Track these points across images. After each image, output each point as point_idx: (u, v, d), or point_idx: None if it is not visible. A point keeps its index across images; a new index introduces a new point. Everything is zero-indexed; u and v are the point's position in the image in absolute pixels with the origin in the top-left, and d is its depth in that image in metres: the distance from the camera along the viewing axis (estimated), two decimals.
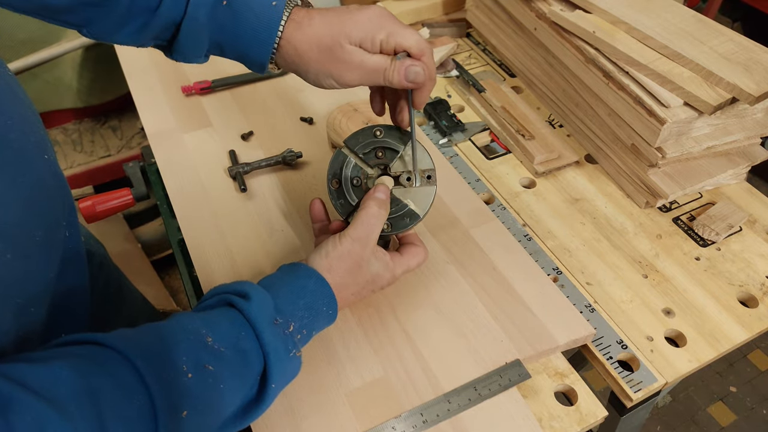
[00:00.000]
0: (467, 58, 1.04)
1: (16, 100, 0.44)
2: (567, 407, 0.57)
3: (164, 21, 0.50)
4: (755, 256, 0.72)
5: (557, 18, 0.82)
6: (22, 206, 0.40)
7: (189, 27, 0.51)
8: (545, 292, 0.65)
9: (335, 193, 0.60)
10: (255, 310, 0.45)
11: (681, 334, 0.64)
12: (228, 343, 0.43)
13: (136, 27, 0.51)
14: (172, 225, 0.80)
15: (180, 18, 0.50)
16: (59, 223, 0.47)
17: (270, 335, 0.45)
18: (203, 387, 0.40)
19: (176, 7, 0.50)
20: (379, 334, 0.61)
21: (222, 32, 0.52)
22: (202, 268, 0.67)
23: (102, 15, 0.50)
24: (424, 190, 0.59)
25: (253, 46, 0.53)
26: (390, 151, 0.59)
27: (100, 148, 1.71)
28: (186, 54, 0.54)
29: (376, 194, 0.56)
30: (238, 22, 0.51)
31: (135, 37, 0.52)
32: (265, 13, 0.51)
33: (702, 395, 1.63)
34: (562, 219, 0.76)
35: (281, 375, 0.46)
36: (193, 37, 0.52)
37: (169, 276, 1.74)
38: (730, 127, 0.76)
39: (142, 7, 0.50)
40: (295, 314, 0.48)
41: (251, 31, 0.52)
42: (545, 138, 0.83)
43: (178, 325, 0.43)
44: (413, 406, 0.55)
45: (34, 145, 0.43)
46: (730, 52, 0.72)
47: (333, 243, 0.53)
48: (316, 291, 0.50)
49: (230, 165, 0.79)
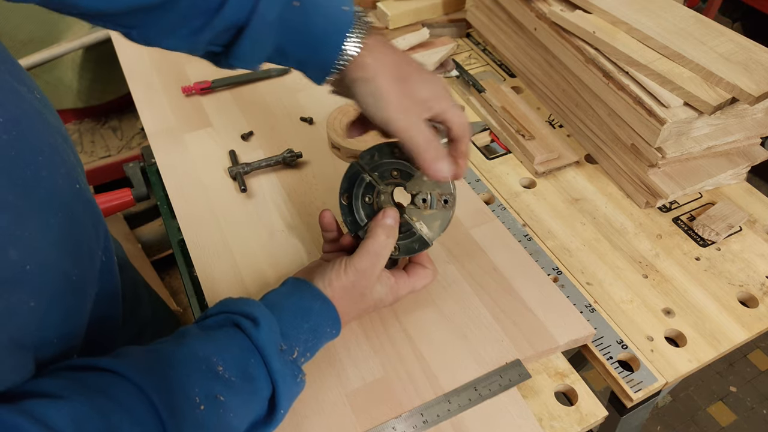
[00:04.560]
0: (467, 58, 1.04)
1: (47, 127, 0.42)
2: (567, 407, 0.57)
3: (227, 22, 0.47)
4: (755, 256, 0.72)
5: (557, 18, 0.82)
6: (55, 248, 0.39)
7: (257, 27, 0.47)
8: (545, 292, 0.65)
9: (345, 209, 0.58)
10: (264, 338, 0.45)
11: (681, 334, 0.64)
12: (237, 370, 0.44)
13: (193, 29, 0.47)
14: (172, 225, 0.80)
15: (245, 19, 0.47)
16: (94, 254, 0.47)
17: (278, 363, 0.45)
18: (215, 417, 0.41)
19: (243, 7, 0.46)
20: (380, 334, 0.61)
21: (289, 34, 0.49)
22: (202, 268, 0.67)
23: (157, 17, 0.47)
24: (440, 214, 0.56)
25: (321, 49, 0.49)
26: (406, 173, 0.56)
27: (100, 148, 1.71)
28: (247, 58, 0.50)
29: (385, 220, 0.54)
30: (308, 23, 0.48)
31: (189, 41, 0.49)
32: (337, 16, 0.48)
33: (702, 395, 1.63)
34: (562, 219, 0.76)
35: (288, 400, 0.47)
36: (260, 39, 0.48)
37: (169, 276, 1.74)
38: (730, 127, 0.76)
39: (203, 9, 0.46)
40: (299, 338, 0.49)
41: (321, 32, 0.48)
42: (545, 138, 0.84)
43: (190, 353, 0.43)
44: (413, 406, 0.55)
45: (64, 177, 0.42)
46: (730, 52, 0.72)
47: (337, 273, 0.52)
48: (321, 314, 0.51)
49: (230, 165, 0.79)
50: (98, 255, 0.48)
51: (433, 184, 0.56)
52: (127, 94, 0.93)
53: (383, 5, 1.04)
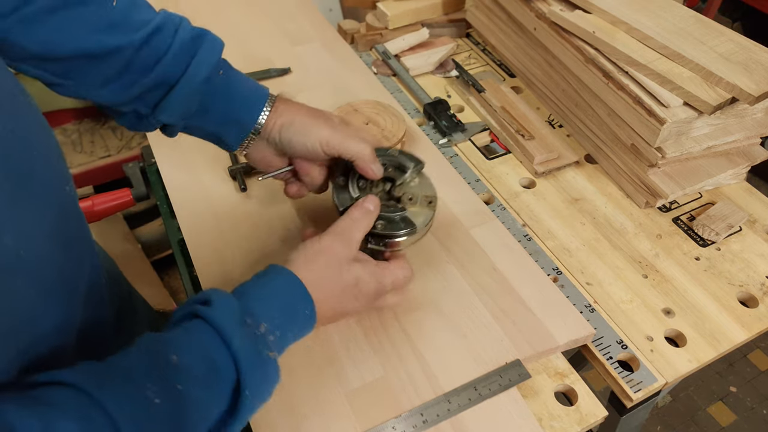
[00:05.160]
0: (467, 58, 1.04)
1: (42, 130, 0.43)
2: (567, 407, 0.57)
3: (159, 79, 0.52)
4: (755, 256, 0.72)
5: (557, 18, 0.82)
6: (49, 241, 0.39)
7: (186, 86, 0.53)
8: (545, 292, 0.65)
9: (339, 188, 0.61)
10: (218, 314, 0.43)
11: (681, 334, 0.64)
12: (196, 356, 0.42)
13: (125, 83, 0.52)
14: (172, 225, 0.80)
15: (175, 79, 0.52)
16: (83, 258, 0.47)
17: (238, 338, 0.43)
18: (174, 408, 0.39)
19: (177, 68, 0.52)
20: (379, 334, 0.61)
21: (214, 95, 0.56)
22: (202, 268, 0.67)
23: (95, 67, 0.51)
24: (424, 211, 0.61)
25: (242, 111, 0.58)
26: (398, 171, 0.62)
27: (100, 148, 1.71)
28: (173, 112, 0.55)
29: (365, 203, 0.56)
30: (231, 90, 0.57)
31: (120, 94, 0.53)
32: (255, 87, 0.59)
33: (702, 395, 1.63)
34: (561, 219, 0.76)
35: (254, 380, 0.43)
36: (187, 97, 0.54)
37: (169, 276, 1.74)
38: (729, 127, 0.76)
39: (138, 66, 0.51)
40: (266, 314, 0.46)
41: (240, 97, 0.58)
42: (545, 138, 0.84)
43: (145, 349, 0.41)
44: (413, 406, 0.55)
45: (58, 177, 0.43)
46: (730, 52, 0.72)
47: (311, 240, 0.52)
48: (287, 289, 0.49)
49: (230, 165, 0.79)
50: (86, 260, 0.47)
51: (419, 188, 0.62)
52: None
53: (383, 5, 1.04)
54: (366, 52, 1.05)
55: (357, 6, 1.18)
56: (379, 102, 0.85)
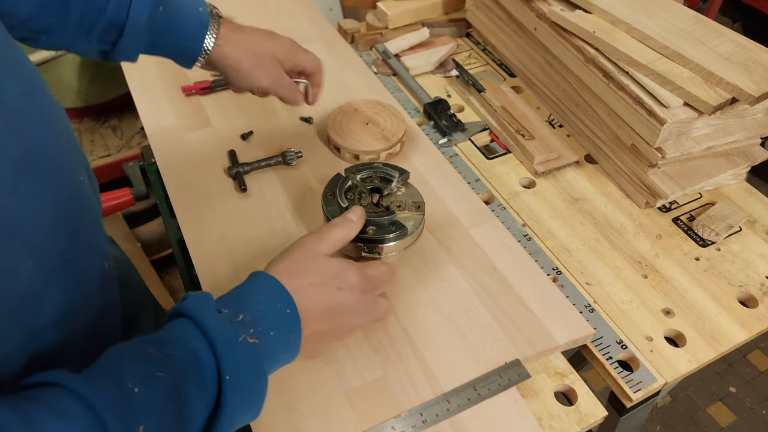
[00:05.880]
0: (467, 58, 1.04)
1: (59, 123, 0.47)
2: (567, 407, 0.57)
3: (109, 20, 0.58)
4: (755, 256, 0.72)
5: (557, 18, 0.82)
6: (54, 223, 0.41)
7: (132, 27, 0.59)
8: (545, 292, 0.65)
9: (328, 201, 0.66)
10: (192, 304, 0.44)
11: (681, 334, 0.64)
12: (177, 346, 0.42)
13: (87, 29, 0.58)
14: (172, 225, 0.80)
15: (122, 19, 0.58)
16: (90, 250, 0.47)
17: (212, 320, 0.43)
18: (155, 396, 0.39)
19: (120, 9, 0.58)
20: (379, 333, 0.61)
21: (158, 32, 0.62)
22: (202, 268, 0.67)
23: (61, 18, 0.56)
24: (413, 216, 0.64)
25: (186, 42, 0.63)
26: (384, 181, 0.68)
27: (100, 147, 1.71)
28: (128, 52, 0.62)
29: (348, 214, 0.59)
30: (172, 24, 0.62)
31: (88, 41, 0.59)
32: (195, 16, 0.63)
33: (702, 395, 1.63)
34: (561, 219, 0.76)
35: (232, 362, 0.42)
36: (135, 37, 0.60)
37: (169, 276, 1.74)
38: (730, 127, 0.76)
39: (93, 9, 0.57)
40: (242, 308, 0.46)
41: (182, 30, 0.63)
42: (545, 138, 0.84)
43: (128, 346, 0.42)
44: (413, 406, 0.55)
45: (70, 165, 0.46)
46: (730, 52, 0.72)
47: (279, 255, 0.54)
48: (256, 284, 0.49)
49: (230, 165, 0.79)
50: (95, 250, 0.48)
51: (406, 195, 0.67)
52: (127, 93, 0.93)
53: (383, 5, 1.04)
54: (366, 52, 1.05)
55: (357, 5, 1.18)
56: (379, 102, 0.85)
